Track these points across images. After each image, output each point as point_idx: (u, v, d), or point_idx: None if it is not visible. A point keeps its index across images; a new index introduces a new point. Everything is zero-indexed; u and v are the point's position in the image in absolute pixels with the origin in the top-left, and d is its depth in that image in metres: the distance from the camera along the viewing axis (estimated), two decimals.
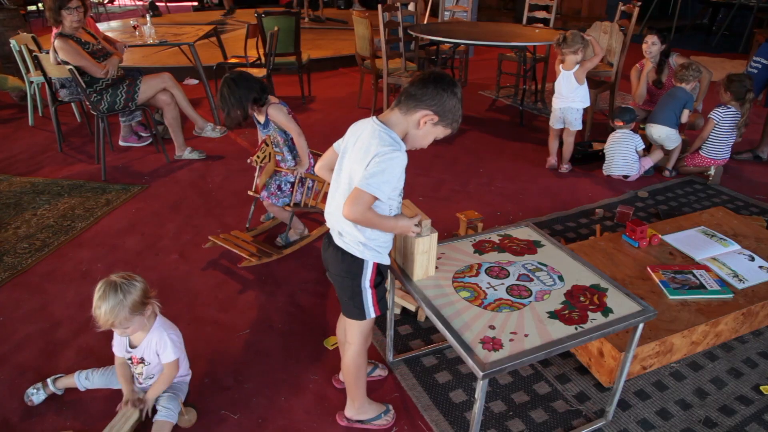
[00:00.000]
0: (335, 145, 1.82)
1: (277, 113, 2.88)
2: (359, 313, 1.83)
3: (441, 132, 1.73)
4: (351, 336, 1.90)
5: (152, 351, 1.99)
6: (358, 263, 1.76)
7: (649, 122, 4.19)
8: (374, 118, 1.71)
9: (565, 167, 4.32)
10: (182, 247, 3.19)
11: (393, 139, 1.65)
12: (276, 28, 5.18)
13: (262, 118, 2.95)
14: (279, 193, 3.05)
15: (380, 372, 2.26)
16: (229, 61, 5.88)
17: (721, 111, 4.00)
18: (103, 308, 1.80)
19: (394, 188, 1.67)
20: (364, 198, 1.60)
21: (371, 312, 1.83)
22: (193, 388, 2.19)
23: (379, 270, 1.83)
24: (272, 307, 2.69)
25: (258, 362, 2.34)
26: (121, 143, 4.70)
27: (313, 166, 2.70)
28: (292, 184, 3.05)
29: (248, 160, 3.16)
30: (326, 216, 1.84)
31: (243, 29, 5.92)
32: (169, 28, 6.22)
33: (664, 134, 4.08)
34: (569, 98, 4.11)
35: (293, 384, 2.23)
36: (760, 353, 2.44)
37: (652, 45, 4.34)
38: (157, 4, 10.10)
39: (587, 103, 4.18)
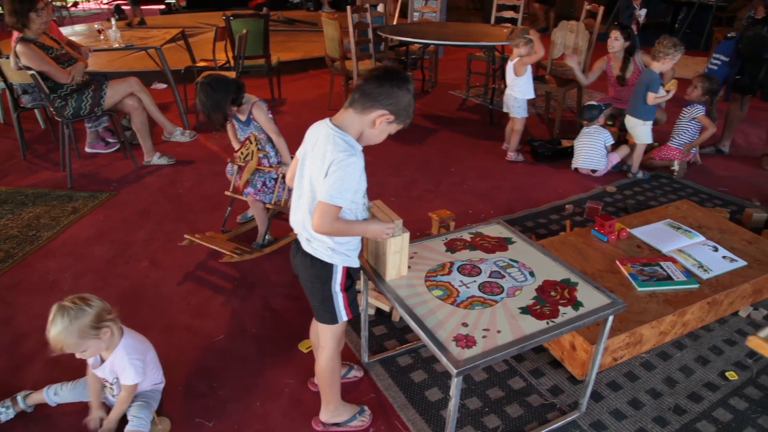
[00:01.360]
0: (297, 152, 1.80)
1: (259, 113, 2.92)
2: (331, 318, 1.83)
3: (394, 129, 1.72)
4: (324, 340, 1.89)
5: (112, 372, 1.95)
6: (327, 268, 1.76)
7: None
8: (328, 121, 1.69)
9: (510, 155, 4.48)
10: (153, 253, 3.14)
11: (347, 143, 1.63)
12: (244, 31, 5.13)
13: (243, 117, 2.96)
14: (265, 189, 3.05)
15: (356, 373, 2.26)
16: (198, 64, 5.82)
17: (697, 108, 4.16)
18: (51, 333, 1.77)
19: (355, 192, 1.67)
20: (329, 210, 1.61)
21: (343, 315, 1.83)
22: (167, 396, 2.16)
23: (349, 273, 1.83)
24: (246, 311, 2.67)
25: (232, 368, 2.32)
26: (87, 150, 4.61)
27: None
28: (276, 181, 3.05)
29: (230, 160, 3.14)
30: (292, 224, 1.82)
31: (211, 32, 5.85)
32: (135, 32, 6.11)
33: (631, 124, 4.14)
34: (510, 87, 4.39)
35: (269, 388, 2.22)
36: (725, 340, 2.51)
37: (614, 40, 4.42)
38: (123, 7, 9.93)
39: (527, 95, 4.38)
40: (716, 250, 2.80)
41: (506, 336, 1.65)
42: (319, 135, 1.68)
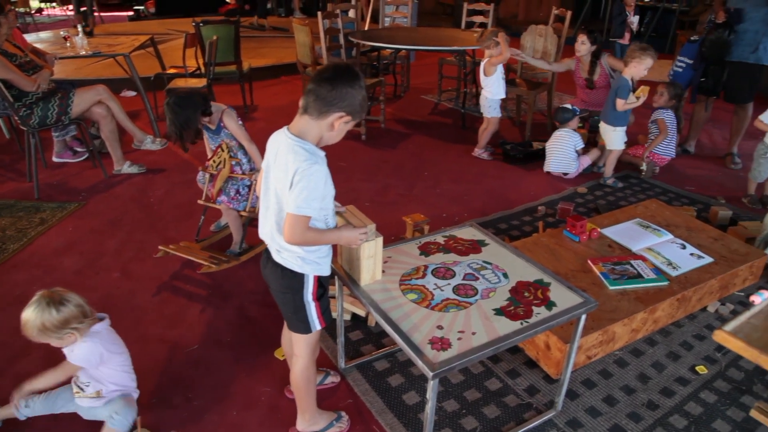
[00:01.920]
0: (262, 164, 1.78)
1: (230, 120, 2.92)
2: (305, 327, 1.82)
3: (351, 126, 1.71)
4: (298, 349, 1.87)
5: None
6: (298, 278, 1.75)
7: None
8: (286, 130, 1.67)
9: (476, 151, 4.63)
10: (124, 264, 3.09)
11: (308, 152, 1.61)
12: (215, 37, 5.09)
13: (213, 126, 2.95)
14: (239, 197, 3.02)
15: (332, 379, 2.25)
16: (168, 71, 5.75)
17: (668, 113, 4.27)
18: (22, 317, 1.79)
19: (323, 199, 1.66)
20: (299, 221, 1.60)
21: (316, 325, 1.82)
22: (141, 408, 2.12)
23: (321, 282, 1.82)
24: (221, 320, 2.64)
25: (208, 378, 2.29)
26: (55, 159, 4.51)
27: None
28: (249, 188, 3.03)
29: (201, 168, 3.11)
30: (261, 236, 1.80)
31: (181, 39, 5.79)
32: (103, 39, 6.02)
33: (603, 130, 4.20)
34: (482, 86, 4.53)
35: (245, 397, 2.19)
36: (695, 335, 2.56)
37: (581, 44, 4.51)
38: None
39: (497, 95, 4.49)
40: (684, 247, 2.86)
41: (481, 337, 1.66)
42: (280, 145, 1.67)
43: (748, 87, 4.37)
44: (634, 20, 6.62)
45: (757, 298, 2.78)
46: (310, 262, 1.74)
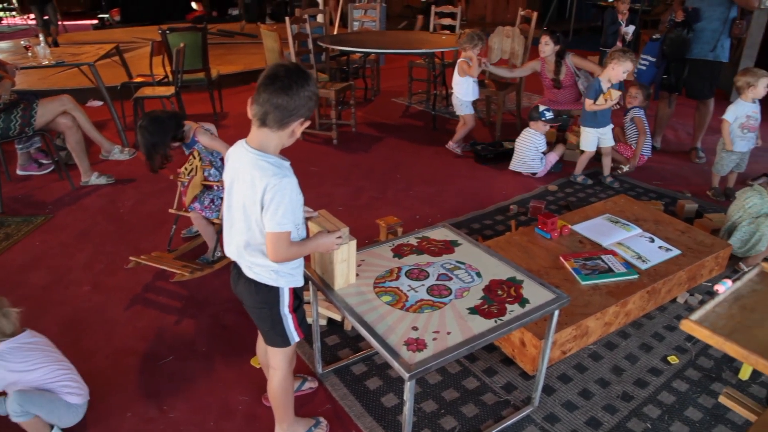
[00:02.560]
0: (225, 180, 1.75)
1: (203, 136, 2.91)
2: (283, 341, 1.79)
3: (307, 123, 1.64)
4: (276, 362, 1.84)
5: None
6: (273, 292, 1.72)
7: None
8: (245, 144, 1.63)
9: (451, 144, 4.78)
10: (95, 277, 3.03)
11: (275, 165, 1.58)
12: (182, 45, 5.04)
13: (187, 139, 2.93)
14: (212, 206, 2.99)
15: (310, 385, 2.24)
16: (135, 80, 5.66)
17: (642, 113, 4.38)
18: None
19: (299, 207, 1.63)
20: (281, 238, 1.58)
21: (294, 337, 1.80)
22: (115, 423, 2.08)
23: (296, 293, 1.79)
24: (195, 330, 2.61)
25: (183, 389, 2.26)
26: (19, 172, 4.40)
27: None
28: (222, 200, 3.00)
29: (172, 177, 3.07)
30: (228, 254, 1.77)
31: (147, 47, 5.72)
32: (66, 48, 5.91)
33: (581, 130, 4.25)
34: (453, 86, 4.71)
35: (222, 407, 2.17)
36: (666, 327, 2.62)
37: (544, 45, 4.58)
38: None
39: (466, 97, 4.63)
40: (653, 241, 2.92)
41: (456, 337, 1.67)
42: (242, 161, 1.62)
43: (709, 83, 4.49)
44: (628, 30, 6.50)
45: (720, 287, 2.83)
46: (284, 275, 1.71)
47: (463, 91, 4.61)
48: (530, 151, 4.25)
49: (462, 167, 4.53)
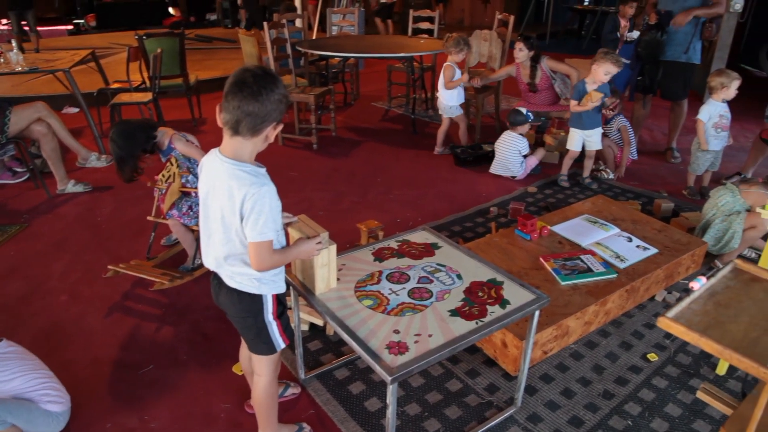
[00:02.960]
0: (200, 190, 1.73)
1: (178, 143, 2.88)
2: (268, 348, 1.77)
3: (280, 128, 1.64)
4: (260, 368, 1.83)
5: None
6: (257, 300, 1.71)
7: None
8: (218, 154, 1.61)
9: (437, 150, 4.85)
10: (72, 286, 2.98)
11: (251, 174, 1.56)
12: (159, 50, 5.00)
13: (163, 146, 2.90)
14: (191, 213, 2.97)
15: (293, 390, 2.23)
16: (112, 86, 5.60)
17: (624, 119, 4.42)
18: None
19: (278, 214, 1.61)
20: (264, 247, 1.57)
21: (280, 343, 1.78)
22: None
23: (279, 299, 1.78)
24: (176, 338, 2.58)
25: (165, 398, 2.24)
26: None
27: None
28: None
29: (149, 184, 3.04)
30: (207, 265, 1.76)
31: (124, 53, 5.65)
32: (41, 54, 5.82)
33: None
34: (438, 89, 4.77)
35: (204, 416, 2.15)
36: (645, 325, 2.66)
37: (519, 51, 4.64)
38: (26, 28, 9.38)
39: (448, 102, 4.69)
40: (630, 240, 2.96)
41: (438, 339, 1.68)
42: (218, 172, 1.60)
43: (682, 85, 4.57)
44: (633, 35, 6.41)
45: (695, 284, 2.89)
46: (267, 282, 1.70)
47: (448, 95, 4.66)
48: (513, 155, 4.29)
49: (442, 170, 4.55)
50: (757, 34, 7.62)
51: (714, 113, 3.76)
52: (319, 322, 2.57)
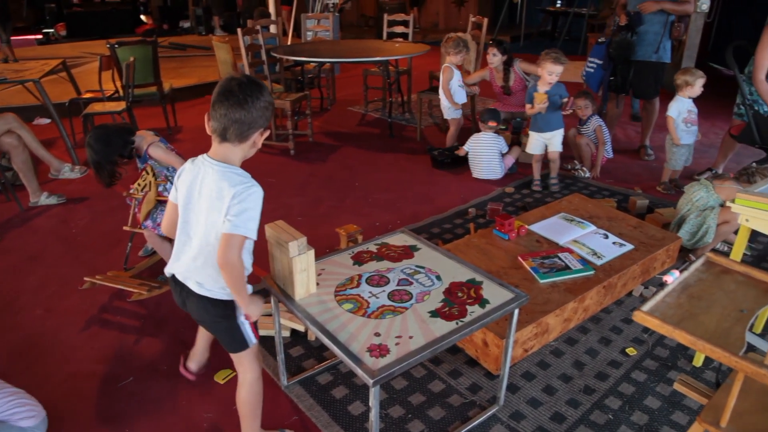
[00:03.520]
0: (172, 197, 1.73)
1: (156, 151, 2.84)
2: (241, 345, 1.81)
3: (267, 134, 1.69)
4: (242, 365, 1.84)
5: None
6: (228, 305, 1.73)
7: None
8: (209, 159, 1.63)
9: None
10: (47, 300, 2.93)
11: (242, 175, 1.60)
12: (132, 59, 4.94)
13: (140, 152, 2.86)
14: None
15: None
16: (84, 96, 5.53)
17: (600, 120, 4.46)
18: None
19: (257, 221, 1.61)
20: (236, 241, 1.56)
21: (252, 339, 1.82)
22: None
23: None
24: (155, 349, 2.55)
25: (146, 410, 2.21)
26: None
27: None
28: None
29: (125, 193, 3.00)
30: (173, 270, 1.76)
31: (96, 62, 5.58)
32: (9, 64, 5.72)
33: None
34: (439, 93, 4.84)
35: (186, 426, 2.12)
36: (623, 320, 2.69)
37: (492, 56, 4.69)
38: None
39: (447, 103, 4.74)
40: (607, 237, 3.00)
41: (418, 341, 1.68)
42: (205, 177, 1.62)
43: (654, 83, 4.66)
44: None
45: (669, 278, 2.95)
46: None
47: (454, 96, 4.72)
48: (493, 155, 4.32)
49: (420, 173, 4.57)
50: (724, 33, 7.79)
51: (682, 109, 3.86)
52: (301, 327, 2.56)
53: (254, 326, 1.81)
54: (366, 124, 5.98)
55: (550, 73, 3.92)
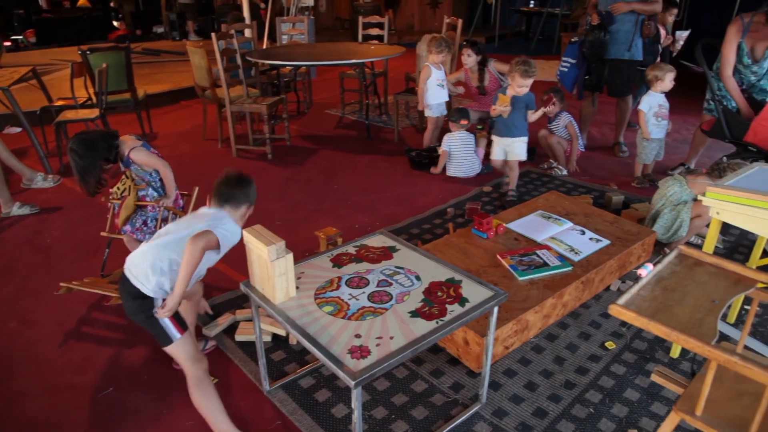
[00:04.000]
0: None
1: (138, 154, 2.78)
2: (167, 339, 1.91)
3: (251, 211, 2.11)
4: (180, 362, 1.97)
5: None
6: (148, 301, 1.88)
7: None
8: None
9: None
10: (22, 312, 2.88)
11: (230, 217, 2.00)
12: (104, 65, 4.87)
13: (122, 157, 2.80)
14: (144, 228, 2.89)
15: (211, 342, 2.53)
16: (56, 104, 5.43)
17: (569, 116, 4.51)
18: None
19: (225, 250, 1.91)
20: (210, 237, 1.81)
21: (176, 334, 1.90)
22: None
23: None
24: (135, 358, 2.52)
25: (127, 420, 2.18)
26: None
27: (181, 207, 2.93)
28: (157, 221, 2.91)
29: (103, 199, 2.95)
30: (127, 262, 1.95)
31: (67, 69, 5.50)
32: None
33: None
34: None
35: None
36: (602, 314, 2.73)
37: (467, 57, 4.73)
38: None
39: (428, 101, 4.75)
40: (583, 233, 3.04)
41: (399, 341, 1.69)
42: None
43: (627, 81, 4.74)
44: (683, 34, 5.79)
45: (643, 272, 3.00)
46: (161, 292, 1.89)
47: (428, 95, 4.75)
48: (471, 153, 4.36)
49: (398, 174, 4.58)
50: (693, 32, 7.94)
51: (653, 103, 3.94)
52: (282, 332, 2.55)
53: (176, 322, 1.90)
54: (343, 127, 5.98)
55: (520, 86, 3.82)
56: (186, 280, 1.80)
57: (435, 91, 4.76)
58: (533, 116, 3.98)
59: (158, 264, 1.86)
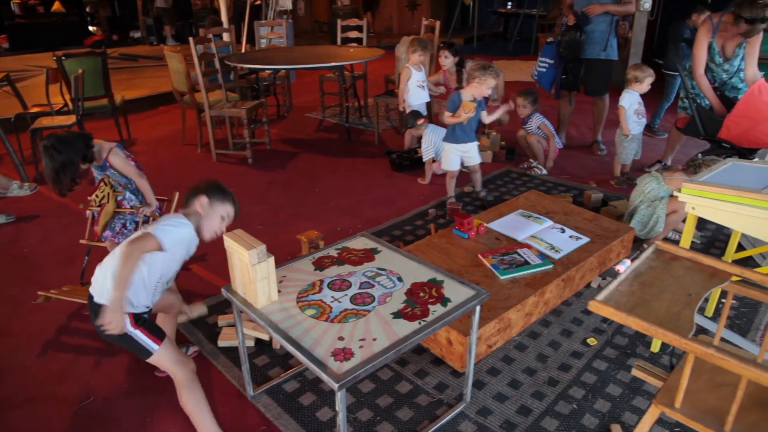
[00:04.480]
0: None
1: (115, 158, 2.77)
2: (146, 353, 1.90)
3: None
4: (167, 370, 1.96)
5: None
6: None
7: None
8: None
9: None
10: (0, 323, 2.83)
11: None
12: (80, 71, 4.81)
13: (99, 162, 2.78)
14: (125, 231, 2.87)
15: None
16: (31, 110, 5.34)
17: (542, 117, 4.57)
18: None
19: (177, 252, 1.91)
20: (149, 239, 1.79)
21: (153, 347, 1.89)
22: None
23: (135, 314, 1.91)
24: (116, 367, 2.49)
25: (109, 429, 2.15)
26: None
27: (159, 208, 2.88)
28: (137, 224, 2.88)
29: (83, 205, 2.91)
30: (94, 278, 1.93)
31: (42, 75, 5.41)
32: None
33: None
34: None
35: None
36: (583, 311, 2.76)
37: (444, 58, 4.78)
38: None
39: (413, 101, 4.75)
40: (563, 231, 3.08)
41: (382, 342, 1.69)
42: None
43: (603, 80, 4.81)
44: None
45: (621, 267, 3.05)
46: (126, 304, 1.84)
47: (409, 97, 4.77)
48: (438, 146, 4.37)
49: (379, 176, 4.59)
50: (666, 31, 8.07)
51: (633, 101, 4.01)
52: (265, 336, 2.54)
53: (149, 333, 1.89)
54: (324, 130, 5.98)
55: (489, 87, 3.68)
56: (120, 286, 1.74)
57: (416, 92, 4.77)
58: (488, 118, 3.91)
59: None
